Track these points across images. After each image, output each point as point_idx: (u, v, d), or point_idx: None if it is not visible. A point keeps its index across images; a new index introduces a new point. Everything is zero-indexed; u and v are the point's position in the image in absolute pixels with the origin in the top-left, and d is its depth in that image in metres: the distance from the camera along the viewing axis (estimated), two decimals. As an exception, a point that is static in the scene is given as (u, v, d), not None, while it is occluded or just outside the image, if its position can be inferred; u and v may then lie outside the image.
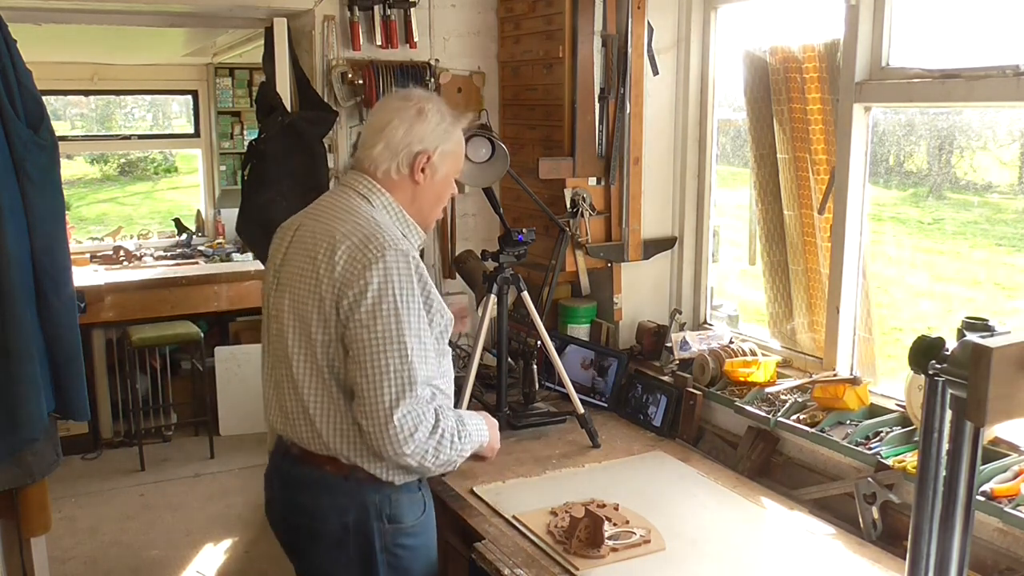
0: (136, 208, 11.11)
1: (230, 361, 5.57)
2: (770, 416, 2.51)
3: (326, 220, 1.98)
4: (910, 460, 2.14)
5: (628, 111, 3.07)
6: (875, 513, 2.16)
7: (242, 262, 5.91)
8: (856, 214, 2.58)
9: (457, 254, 3.13)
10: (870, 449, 2.26)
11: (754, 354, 2.81)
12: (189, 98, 6.86)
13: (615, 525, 2.14)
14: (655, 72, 3.13)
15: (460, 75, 3.42)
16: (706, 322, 3.25)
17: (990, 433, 2.08)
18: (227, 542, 4.32)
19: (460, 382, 2.68)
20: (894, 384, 2.53)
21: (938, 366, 1.41)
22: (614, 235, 3.16)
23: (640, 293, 3.27)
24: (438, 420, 1.90)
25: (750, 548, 2.11)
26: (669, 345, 3.01)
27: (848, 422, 2.42)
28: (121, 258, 5.87)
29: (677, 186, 3.25)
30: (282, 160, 3.22)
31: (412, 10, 3.27)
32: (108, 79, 6.45)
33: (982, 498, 1.95)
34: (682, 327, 3.15)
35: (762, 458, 2.55)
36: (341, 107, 3.26)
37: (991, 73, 2.17)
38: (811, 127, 2.76)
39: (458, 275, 3.05)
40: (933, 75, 2.32)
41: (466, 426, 2.01)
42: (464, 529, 2.23)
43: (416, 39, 3.30)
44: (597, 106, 3.08)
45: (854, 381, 2.47)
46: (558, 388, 3.01)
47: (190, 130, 6.98)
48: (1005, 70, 2.13)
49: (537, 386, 2.91)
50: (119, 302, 5.26)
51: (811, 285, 2.87)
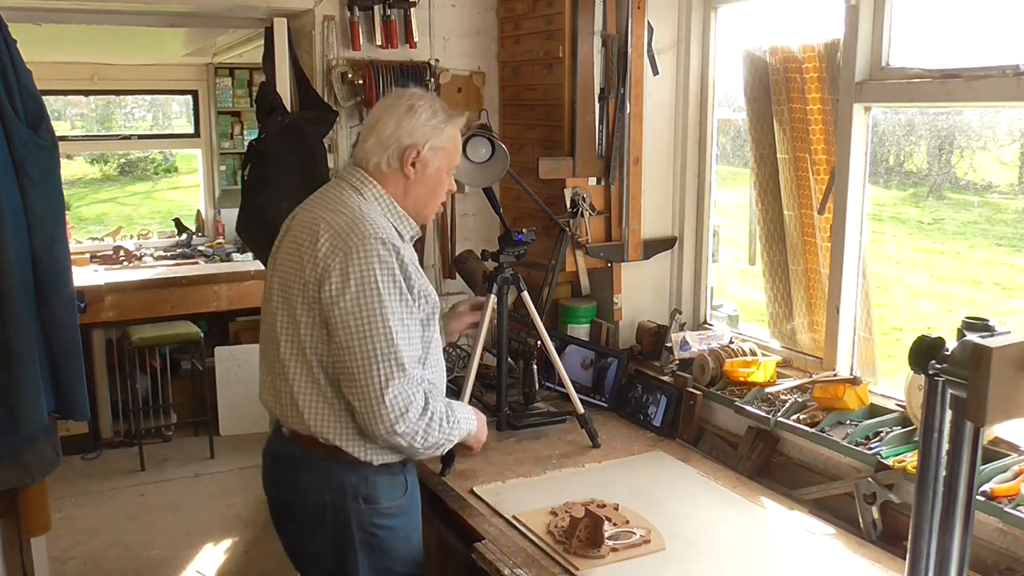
0: (136, 208, 11.12)
1: (230, 361, 5.57)
2: (770, 416, 2.51)
3: (316, 210, 2.07)
4: (910, 460, 2.14)
5: (628, 111, 3.07)
6: (875, 513, 2.16)
7: (242, 262, 5.91)
8: (856, 214, 2.57)
9: (457, 254, 3.13)
10: (870, 449, 2.26)
11: (754, 354, 2.81)
12: (189, 98, 6.87)
13: (615, 525, 2.13)
14: (655, 72, 3.13)
15: (460, 75, 3.42)
16: (706, 322, 3.25)
17: (990, 433, 2.08)
18: (227, 542, 4.32)
19: (460, 382, 2.69)
20: (894, 384, 2.53)
21: (938, 366, 1.41)
22: (614, 235, 3.16)
23: (640, 293, 3.27)
24: (427, 401, 1.99)
25: (750, 548, 2.11)
26: (669, 345, 3.01)
27: (848, 422, 2.42)
28: (121, 258, 5.87)
29: (677, 186, 3.25)
30: (282, 160, 3.21)
31: (412, 10, 3.27)
32: (108, 79, 6.46)
33: (982, 498, 1.94)
34: (682, 327, 3.14)
35: (762, 458, 2.55)
36: (341, 107, 3.26)
37: (991, 73, 2.17)
38: (811, 127, 2.76)
39: (458, 275, 3.04)
40: (933, 75, 2.31)
41: (455, 412, 2.10)
42: (464, 529, 2.23)
43: (416, 39, 3.30)
44: (597, 106, 3.08)
45: (854, 381, 2.47)
46: (558, 388, 3.01)
47: (190, 130, 6.99)
48: (1005, 70, 2.13)
49: (537, 386, 2.91)
50: (119, 302, 5.26)
51: (811, 285, 2.86)
